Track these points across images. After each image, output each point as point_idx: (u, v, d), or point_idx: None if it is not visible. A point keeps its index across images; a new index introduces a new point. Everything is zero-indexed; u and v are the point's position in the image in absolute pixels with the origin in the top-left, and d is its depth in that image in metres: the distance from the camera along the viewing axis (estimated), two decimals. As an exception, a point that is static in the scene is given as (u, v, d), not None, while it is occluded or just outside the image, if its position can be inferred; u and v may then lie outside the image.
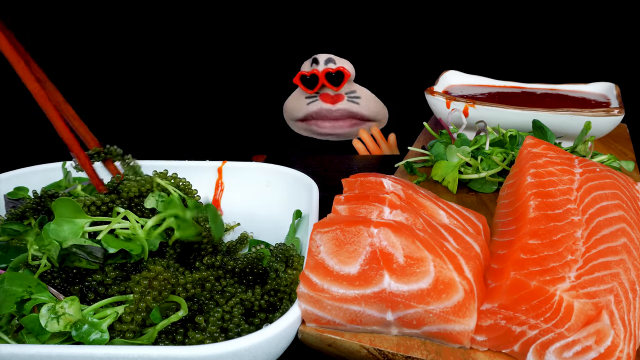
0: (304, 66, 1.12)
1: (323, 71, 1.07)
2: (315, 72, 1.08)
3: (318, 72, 1.08)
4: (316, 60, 1.09)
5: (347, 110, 1.11)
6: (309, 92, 1.10)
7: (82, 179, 0.69)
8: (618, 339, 0.38)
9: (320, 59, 1.08)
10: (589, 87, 0.92)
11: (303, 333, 0.46)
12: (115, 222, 0.50)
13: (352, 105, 1.11)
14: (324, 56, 1.09)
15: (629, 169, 0.72)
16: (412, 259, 0.42)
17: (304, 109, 1.13)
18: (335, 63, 1.08)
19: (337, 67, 1.07)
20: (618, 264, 0.44)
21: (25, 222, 0.55)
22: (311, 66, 1.10)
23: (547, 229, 0.46)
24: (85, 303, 0.47)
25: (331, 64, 1.08)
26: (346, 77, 1.08)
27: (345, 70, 1.07)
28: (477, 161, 0.71)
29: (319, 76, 1.08)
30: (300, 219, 0.63)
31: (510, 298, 0.41)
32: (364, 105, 1.12)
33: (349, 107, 1.11)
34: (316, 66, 1.09)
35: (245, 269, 0.50)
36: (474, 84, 0.96)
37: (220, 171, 0.71)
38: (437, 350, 0.44)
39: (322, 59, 1.08)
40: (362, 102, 1.12)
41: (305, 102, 1.12)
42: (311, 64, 1.10)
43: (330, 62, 1.08)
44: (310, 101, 1.11)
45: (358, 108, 1.12)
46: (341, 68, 1.07)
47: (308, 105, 1.12)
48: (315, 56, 1.10)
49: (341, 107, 1.10)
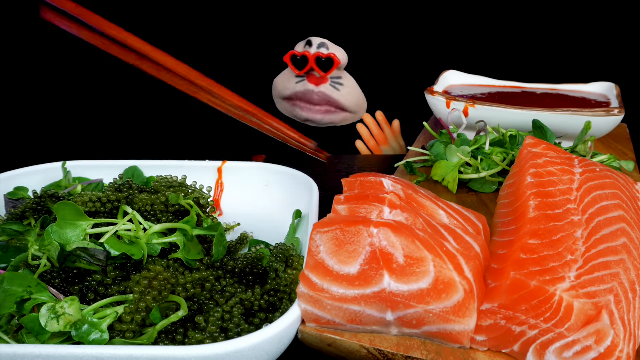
0: (298, 47, 1.13)
1: (314, 55, 1.07)
2: (306, 53, 1.08)
3: (309, 55, 1.08)
4: (310, 43, 1.09)
5: (326, 95, 1.11)
6: (296, 72, 1.10)
7: (82, 178, 0.69)
8: (618, 339, 0.38)
9: (314, 42, 1.08)
10: (589, 87, 0.92)
11: (303, 333, 0.46)
12: (121, 224, 0.51)
13: (332, 91, 1.11)
14: (318, 40, 1.09)
15: (629, 169, 0.72)
16: (412, 259, 0.42)
17: (291, 88, 1.13)
18: (327, 49, 1.08)
19: (328, 53, 1.07)
20: (618, 264, 0.44)
21: (25, 222, 0.55)
22: (304, 47, 1.10)
23: (547, 229, 0.46)
24: (85, 303, 0.47)
25: (323, 48, 1.08)
26: (335, 64, 1.08)
27: (335, 58, 1.07)
28: (477, 161, 0.71)
29: (309, 59, 1.08)
30: (300, 219, 0.63)
31: (510, 298, 0.41)
32: (344, 93, 1.12)
33: (328, 93, 1.11)
34: (309, 48, 1.09)
35: (245, 269, 0.50)
36: (474, 84, 0.96)
37: (220, 171, 0.71)
38: (437, 350, 0.44)
39: (316, 42, 1.08)
40: (343, 91, 1.12)
41: (294, 81, 1.13)
42: (304, 45, 1.10)
43: (322, 47, 1.08)
44: (298, 80, 1.12)
45: (338, 95, 1.11)
46: (332, 55, 1.07)
47: (296, 85, 1.12)
48: (309, 38, 1.10)
49: (322, 90, 1.10)
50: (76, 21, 0.67)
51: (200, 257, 0.52)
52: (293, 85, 1.12)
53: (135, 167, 0.69)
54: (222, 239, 0.52)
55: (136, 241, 0.50)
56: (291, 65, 1.10)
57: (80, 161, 0.71)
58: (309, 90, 1.10)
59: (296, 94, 1.12)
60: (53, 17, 0.68)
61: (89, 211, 0.52)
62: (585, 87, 0.92)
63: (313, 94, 1.10)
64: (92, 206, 0.52)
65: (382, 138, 1.09)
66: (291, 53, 1.10)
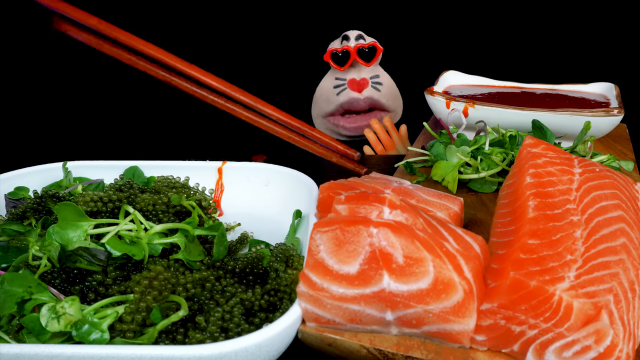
0: (333, 44, 1.14)
1: (355, 47, 1.09)
2: (347, 48, 1.09)
3: (350, 48, 1.09)
4: (347, 37, 1.11)
5: (372, 99, 1.12)
6: (339, 68, 1.11)
7: (83, 178, 0.70)
8: (617, 339, 0.38)
9: (350, 36, 1.11)
10: (589, 87, 0.92)
11: (303, 333, 0.46)
12: (123, 224, 0.51)
13: (374, 93, 1.12)
14: (355, 32, 1.11)
15: (628, 169, 0.72)
16: (411, 259, 0.42)
17: (334, 101, 1.14)
18: (365, 40, 1.10)
19: (368, 42, 1.09)
20: (617, 263, 0.44)
21: (25, 222, 0.55)
22: (341, 43, 1.12)
23: (546, 229, 0.46)
24: (85, 303, 0.47)
25: (362, 40, 1.10)
26: (378, 51, 1.10)
27: (377, 45, 1.10)
28: (477, 161, 0.71)
29: (351, 52, 1.09)
30: (300, 219, 0.63)
31: (510, 298, 0.41)
32: (384, 93, 1.14)
33: (372, 95, 1.12)
34: (347, 42, 1.10)
35: (246, 269, 0.50)
36: (474, 84, 0.96)
37: (220, 171, 0.71)
38: (436, 350, 0.44)
39: (353, 35, 1.11)
40: (384, 90, 1.14)
41: (334, 92, 1.13)
42: (341, 41, 1.12)
43: (360, 39, 1.10)
44: (339, 90, 1.13)
45: (379, 96, 1.13)
46: (373, 43, 1.09)
47: (338, 96, 1.13)
48: (345, 33, 1.12)
49: (366, 95, 1.12)
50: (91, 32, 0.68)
51: (201, 257, 0.52)
52: (335, 97, 1.13)
53: (136, 167, 0.70)
54: (223, 239, 0.52)
55: (137, 241, 0.50)
56: (332, 63, 1.11)
57: (80, 161, 0.71)
58: (354, 99, 1.12)
59: (342, 105, 1.13)
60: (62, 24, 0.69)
61: (90, 211, 0.52)
62: (584, 87, 0.92)
63: (359, 101, 1.12)
64: (93, 206, 0.52)
65: (389, 143, 1.10)
66: (330, 50, 1.11)
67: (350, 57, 1.09)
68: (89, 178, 0.70)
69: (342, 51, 1.10)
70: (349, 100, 1.12)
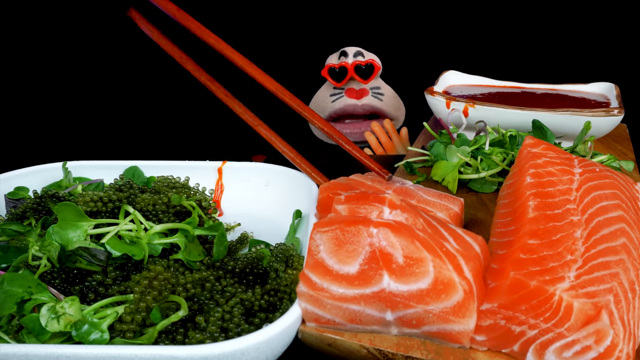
0: (331, 59, 1.13)
1: (353, 63, 1.08)
2: (344, 64, 1.08)
3: (347, 65, 1.08)
4: (345, 53, 1.10)
5: (371, 105, 1.11)
6: (336, 84, 1.10)
7: (83, 178, 0.70)
8: (617, 339, 0.38)
9: (349, 52, 1.10)
10: (589, 87, 0.92)
11: (303, 333, 0.46)
12: (123, 224, 0.51)
13: (376, 102, 1.12)
14: (353, 49, 1.10)
15: (628, 169, 0.72)
16: (411, 259, 0.42)
17: (329, 108, 1.12)
18: (364, 56, 1.10)
19: (366, 59, 1.09)
20: (617, 263, 0.44)
21: (25, 223, 0.55)
22: (339, 59, 1.11)
23: (546, 229, 0.46)
24: (85, 303, 0.47)
25: (360, 56, 1.09)
26: (376, 69, 1.09)
27: (375, 63, 1.09)
28: (477, 161, 0.71)
29: (348, 68, 1.08)
30: (300, 219, 0.63)
31: (510, 298, 0.41)
32: (387, 102, 1.13)
33: (373, 103, 1.11)
34: (345, 58, 1.10)
35: (246, 269, 0.50)
36: (474, 84, 0.96)
37: (220, 171, 0.71)
38: (436, 350, 0.44)
39: (351, 51, 1.10)
40: (385, 100, 1.13)
41: (329, 100, 1.12)
42: (339, 56, 1.11)
43: (359, 55, 1.09)
44: (335, 98, 1.12)
45: (381, 105, 1.12)
46: (371, 60, 1.08)
47: (333, 103, 1.12)
48: (343, 49, 1.11)
49: (366, 102, 1.11)
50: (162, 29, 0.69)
51: (200, 258, 0.52)
52: (330, 104, 1.12)
53: (136, 167, 0.70)
54: (223, 239, 0.52)
55: (137, 241, 0.50)
56: (329, 78, 1.10)
57: (80, 161, 0.71)
58: (349, 105, 1.10)
59: (335, 112, 1.12)
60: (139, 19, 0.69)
61: (90, 211, 0.52)
62: (584, 87, 0.92)
63: (357, 106, 1.11)
64: (93, 206, 0.52)
65: (390, 146, 1.10)
66: (328, 66, 1.10)
67: (348, 74, 1.08)
68: (89, 178, 0.70)
69: (340, 67, 1.09)
70: (343, 107, 1.11)
